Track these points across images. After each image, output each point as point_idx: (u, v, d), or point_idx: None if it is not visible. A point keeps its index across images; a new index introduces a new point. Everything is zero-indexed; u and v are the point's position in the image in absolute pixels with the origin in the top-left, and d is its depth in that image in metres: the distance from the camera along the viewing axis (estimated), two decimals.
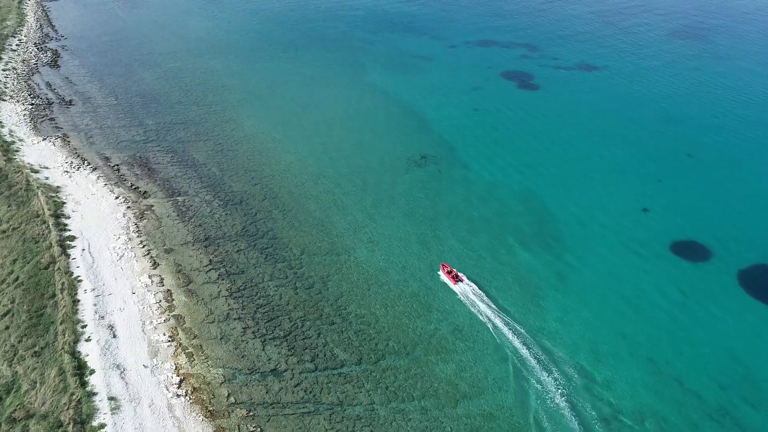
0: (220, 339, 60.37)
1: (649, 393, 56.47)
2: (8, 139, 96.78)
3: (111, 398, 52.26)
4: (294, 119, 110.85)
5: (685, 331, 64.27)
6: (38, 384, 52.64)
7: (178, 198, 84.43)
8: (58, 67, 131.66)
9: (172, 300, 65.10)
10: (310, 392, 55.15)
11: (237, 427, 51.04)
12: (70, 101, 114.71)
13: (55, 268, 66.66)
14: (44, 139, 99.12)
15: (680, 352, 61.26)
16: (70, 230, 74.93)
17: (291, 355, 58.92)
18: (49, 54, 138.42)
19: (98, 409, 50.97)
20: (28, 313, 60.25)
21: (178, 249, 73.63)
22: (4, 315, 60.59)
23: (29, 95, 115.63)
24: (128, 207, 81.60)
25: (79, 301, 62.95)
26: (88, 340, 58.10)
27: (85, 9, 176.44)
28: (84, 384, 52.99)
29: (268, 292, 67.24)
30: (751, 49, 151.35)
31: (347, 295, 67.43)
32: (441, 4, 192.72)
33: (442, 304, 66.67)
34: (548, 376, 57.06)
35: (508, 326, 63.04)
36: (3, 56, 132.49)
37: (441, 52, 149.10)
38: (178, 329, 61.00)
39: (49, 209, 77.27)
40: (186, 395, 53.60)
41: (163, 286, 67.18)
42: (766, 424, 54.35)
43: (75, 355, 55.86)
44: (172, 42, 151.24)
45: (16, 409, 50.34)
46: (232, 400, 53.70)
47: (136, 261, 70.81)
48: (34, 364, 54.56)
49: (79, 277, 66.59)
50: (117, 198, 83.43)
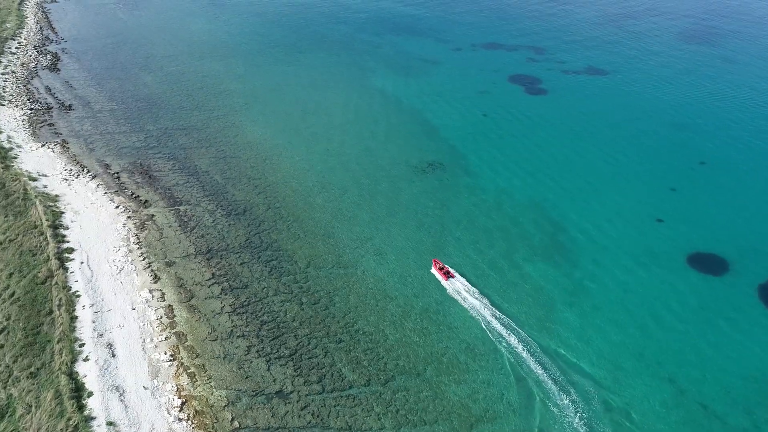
0: (224, 358, 58.08)
1: (672, 417, 54.08)
2: (6, 145, 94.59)
3: (110, 423, 50.00)
4: (298, 124, 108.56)
5: (706, 349, 61.86)
6: (33, 408, 50.38)
7: (180, 207, 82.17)
8: (58, 70, 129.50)
9: (174, 316, 62.82)
10: (318, 416, 52.83)
11: None
12: (70, 106, 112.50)
13: (53, 283, 64.41)
14: (43, 146, 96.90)
15: (702, 373, 58.85)
16: (68, 242, 72.67)
17: (297, 376, 56.62)
18: (49, 57, 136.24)
19: None
20: (24, 331, 58.01)
21: (180, 261, 71.35)
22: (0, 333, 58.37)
23: (28, 100, 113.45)
24: (128, 217, 79.35)
25: (77, 317, 60.69)
26: (86, 360, 55.83)
27: (86, 10, 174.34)
28: (81, 408, 50.73)
29: (273, 308, 64.93)
30: (763, 54, 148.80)
31: (355, 311, 65.09)
32: (446, 6, 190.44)
33: (453, 321, 64.32)
34: (566, 399, 54.72)
35: (523, 344, 60.69)
36: (2, 59, 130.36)
37: (446, 55, 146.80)
38: (180, 347, 58.73)
39: (47, 220, 75.05)
40: (188, 419, 51.32)
41: (164, 301, 64.91)
42: None
43: (72, 376, 53.60)
44: (174, 44, 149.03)
45: None
46: (236, 424, 51.42)
47: (137, 274, 68.54)
48: (30, 386, 52.30)
49: (77, 292, 64.33)
50: (117, 207, 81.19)
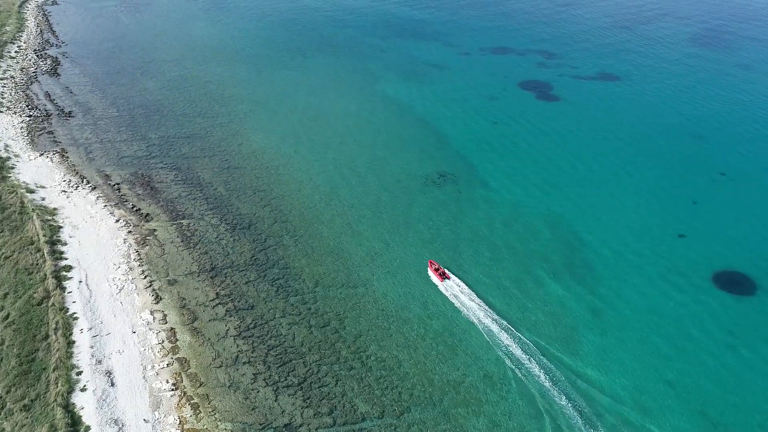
0: (229, 387, 54.97)
1: None
2: (3, 155, 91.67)
3: None
4: (304, 132, 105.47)
5: (737, 377, 58.57)
6: None
7: (183, 221, 79.11)
8: (58, 75, 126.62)
9: (176, 340, 59.74)
10: None
11: None
12: (70, 113, 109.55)
13: (50, 304, 61.39)
14: (41, 155, 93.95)
15: (735, 405, 55.59)
16: (66, 259, 69.65)
17: (306, 407, 53.49)
18: (49, 61, 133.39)
19: None
20: (19, 358, 54.99)
21: (183, 280, 68.26)
22: None
23: (27, 106, 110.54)
24: (129, 231, 76.32)
25: (74, 342, 57.66)
26: (83, 390, 52.77)
27: (87, 13, 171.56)
28: None
29: (281, 331, 61.81)
30: None
31: (366, 335, 61.93)
32: (452, 8, 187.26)
33: (469, 346, 61.10)
34: None
35: (545, 372, 57.48)
36: (1, 64, 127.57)
37: (454, 60, 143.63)
38: (183, 375, 55.64)
39: (45, 235, 72.06)
40: None
41: (166, 323, 61.83)
42: None
43: (68, 408, 50.54)
44: (177, 48, 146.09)
45: None
46: None
47: (137, 294, 65.48)
48: (23, 419, 49.28)
49: (75, 314, 61.27)
50: (117, 221, 78.15)
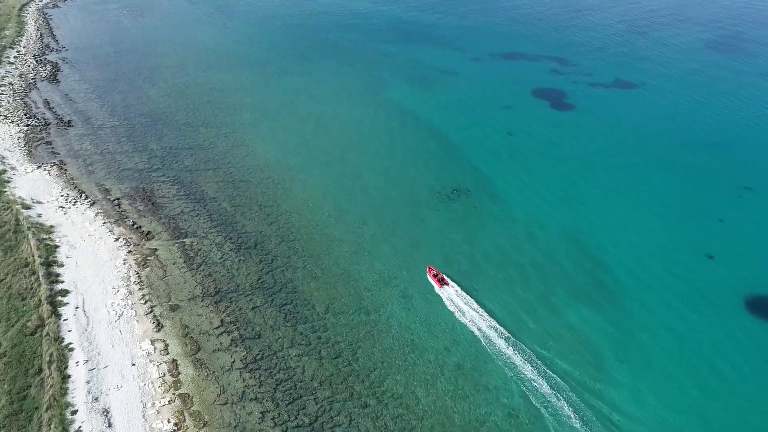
0: (235, 427, 51.12)
1: None
2: None
3: None
4: (311, 143, 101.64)
5: None
6: None
7: (185, 240, 75.32)
8: (58, 82, 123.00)
9: (178, 373, 55.92)
10: None
11: None
12: (69, 122, 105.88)
13: (44, 334, 57.64)
14: (39, 167, 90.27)
15: None
16: (62, 281, 65.90)
17: None
18: (49, 67, 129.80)
19: None
20: (10, 396, 51.22)
21: (185, 305, 64.45)
22: None
23: (25, 115, 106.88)
24: (129, 251, 72.54)
25: (69, 377, 53.87)
26: None
27: (89, 17, 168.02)
28: None
29: (289, 363, 57.93)
30: None
31: (381, 368, 58.02)
32: (460, 12, 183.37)
33: (492, 380, 57.19)
34: None
35: (573, 410, 53.52)
36: None
37: (464, 66, 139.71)
38: (185, 414, 51.81)
39: (40, 256, 68.34)
40: None
41: (168, 354, 58.02)
42: None
43: None
44: (180, 54, 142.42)
45: None
46: None
47: (137, 321, 61.68)
48: None
49: (70, 344, 57.51)
50: (117, 240, 74.38)
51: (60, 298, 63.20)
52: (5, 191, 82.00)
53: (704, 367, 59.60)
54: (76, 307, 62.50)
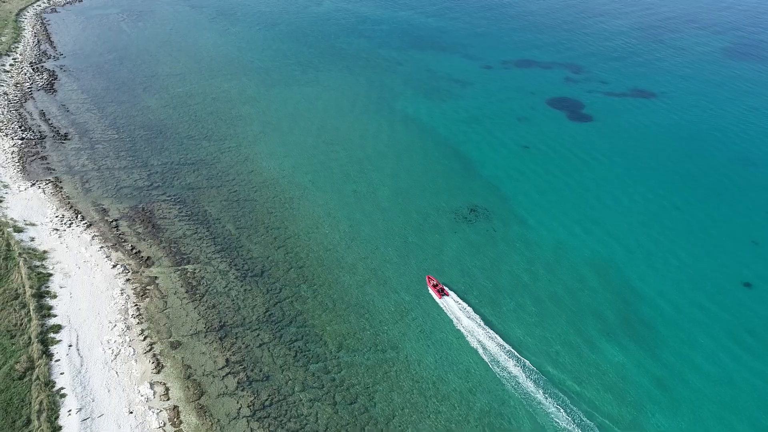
0: None
1: None
2: None
3: None
4: (319, 158, 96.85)
5: None
6: None
7: (187, 267, 70.54)
8: (55, 91, 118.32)
9: (180, 422, 51.17)
10: None
11: None
12: (66, 135, 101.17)
13: (33, 378, 52.91)
14: (33, 185, 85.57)
15: None
16: (55, 315, 61.18)
17: None
18: (46, 76, 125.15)
19: None
20: None
21: (187, 342, 59.68)
22: None
23: (20, 127, 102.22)
24: (127, 279, 67.80)
25: (60, 429, 49.07)
26: None
27: (88, 22, 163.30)
28: None
29: (301, 410, 53.13)
30: None
31: (400, 415, 53.21)
32: (470, 17, 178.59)
33: (522, 428, 52.31)
34: None
35: None
36: None
37: (476, 74, 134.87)
38: None
39: (32, 286, 63.62)
40: None
41: (169, 399, 53.26)
42: None
43: None
44: (181, 61, 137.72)
45: None
46: None
47: (135, 361, 56.92)
48: None
49: (62, 389, 52.75)
50: (114, 266, 69.65)
51: (52, 335, 58.46)
52: None
53: (755, 412, 54.75)
54: (70, 345, 57.75)
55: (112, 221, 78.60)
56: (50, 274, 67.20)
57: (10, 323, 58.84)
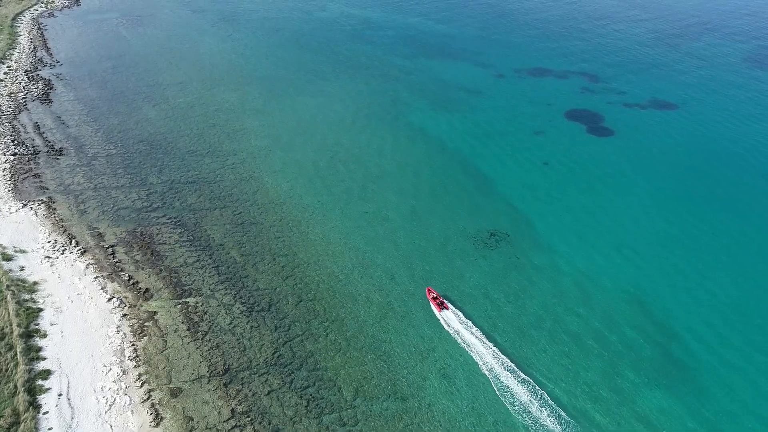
0: None
1: None
2: None
3: None
4: (328, 176, 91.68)
5: None
6: None
7: (189, 300, 65.37)
8: (50, 102, 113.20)
9: None
10: None
11: None
12: (61, 150, 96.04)
13: None
14: (25, 206, 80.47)
15: None
16: (44, 359, 56.04)
17: None
18: (41, 85, 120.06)
19: None
20: None
21: (189, 389, 54.50)
22: None
23: (12, 141, 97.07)
24: (124, 315, 62.64)
25: None
26: None
27: (86, 27, 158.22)
28: None
29: None
30: None
31: None
32: (479, 22, 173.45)
33: None
34: None
35: None
36: None
37: (489, 84, 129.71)
38: None
39: (20, 324, 58.53)
40: None
41: None
42: None
43: None
44: (182, 69, 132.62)
45: None
46: None
47: (132, 412, 51.75)
48: None
49: None
50: (110, 299, 64.50)
51: (40, 382, 53.30)
52: None
53: None
54: (59, 395, 52.58)
55: (108, 247, 73.44)
56: (40, 309, 62.03)
57: None
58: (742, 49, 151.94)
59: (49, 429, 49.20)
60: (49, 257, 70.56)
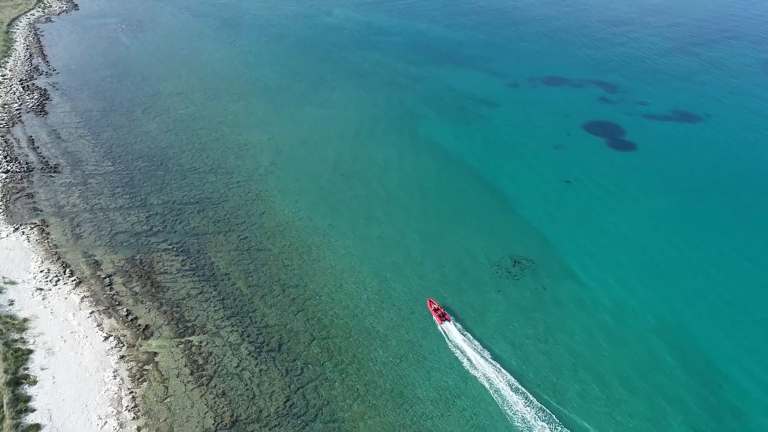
0: None
1: None
2: None
3: None
4: (338, 196, 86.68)
5: None
6: None
7: (192, 339, 60.37)
8: (45, 113, 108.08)
9: None
10: None
11: None
12: (56, 167, 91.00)
13: None
14: (16, 230, 75.46)
15: None
16: (34, 410, 51.08)
17: None
18: (36, 95, 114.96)
19: None
20: None
21: None
22: None
23: (5, 158, 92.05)
24: (122, 356, 57.67)
25: None
26: None
27: (84, 33, 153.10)
28: None
29: None
30: None
31: None
32: (490, 28, 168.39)
33: None
34: None
35: None
36: None
37: (502, 94, 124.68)
38: None
39: (7, 370, 53.60)
40: None
41: None
42: None
43: None
44: (184, 77, 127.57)
45: None
46: None
47: None
48: None
49: None
50: (107, 338, 59.51)
51: None
52: None
53: None
54: None
55: (105, 277, 68.40)
56: (30, 351, 57.05)
57: None
58: (763, 57, 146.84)
59: None
60: (41, 289, 65.53)
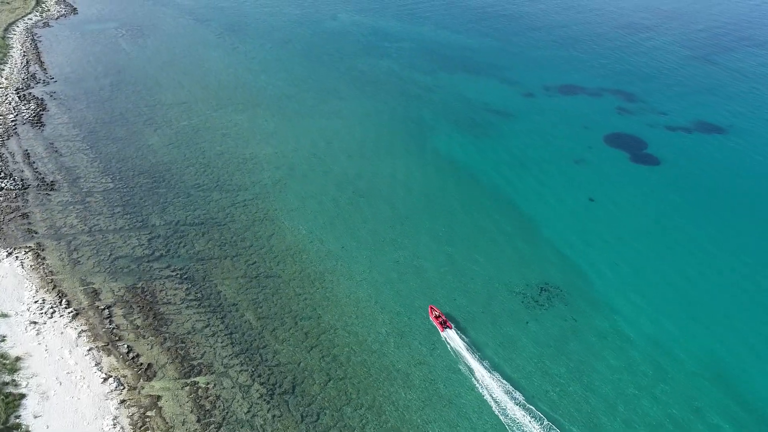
0: None
1: None
2: None
3: None
4: (350, 215, 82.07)
5: None
6: None
7: (199, 380, 55.69)
8: (42, 125, 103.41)
9: None
10: None
11: None
12: (52, 183, 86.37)
13: None
14: (9, 254, 70.84)
15: None
16: None
17: None
18: (33, 105, 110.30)
19: None
20: None
21: None
22: None
23: None
24: (122, 401, 53.02)
25: None
26: None
27: (83, 39, 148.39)
28: None
29: None
30: None
31: None
32: (502, 34, 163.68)
33: None
34: None
35: None
36: None
37: (518, 104, 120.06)
38: None
39: None
40: None
41: None
42: None
43: None
44: (186, 86, 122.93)
45: None
46: None
47: None
48: None
49: None
50: (106, 380, 54.87)
51: None
52: None
53: None
54: None
55: (104, 308, 63.73)
56: (23, 396, 52.40)
57: None
58: None
59: None
60: (35, 323, 60.86)
